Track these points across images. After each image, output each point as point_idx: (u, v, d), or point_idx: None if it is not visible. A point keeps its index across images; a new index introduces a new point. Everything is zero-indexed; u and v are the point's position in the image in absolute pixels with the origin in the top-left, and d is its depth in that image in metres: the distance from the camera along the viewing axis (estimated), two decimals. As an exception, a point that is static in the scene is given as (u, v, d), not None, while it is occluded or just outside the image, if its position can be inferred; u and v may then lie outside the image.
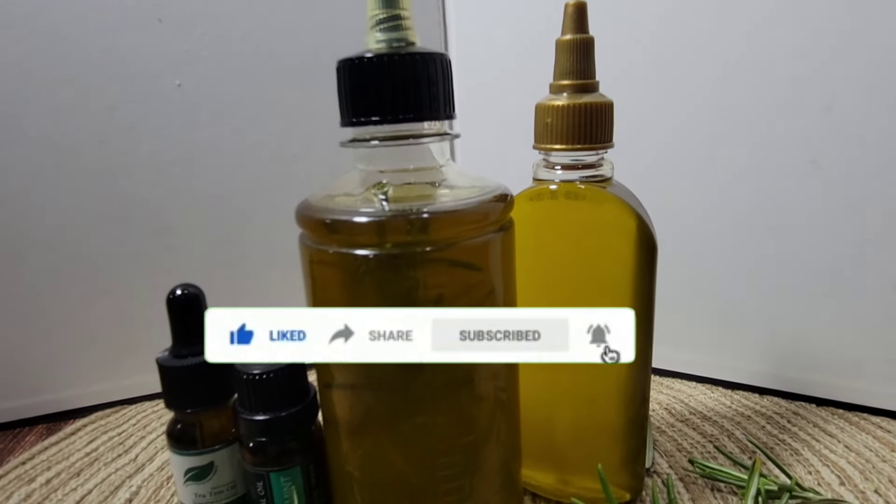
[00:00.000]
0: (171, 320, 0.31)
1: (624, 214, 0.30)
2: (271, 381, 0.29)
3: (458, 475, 0.29)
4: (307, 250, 0.28)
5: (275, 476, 0.30)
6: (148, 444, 0.43)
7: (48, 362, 0.48)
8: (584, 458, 0.34)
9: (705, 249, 0.46)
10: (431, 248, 0.25)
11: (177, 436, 0.31)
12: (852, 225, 0.41)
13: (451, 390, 0.28)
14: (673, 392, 0.47)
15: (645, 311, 0.32)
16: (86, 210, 0.46)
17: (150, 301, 0.47)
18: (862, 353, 0.43)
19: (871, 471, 0.36)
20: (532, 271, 0.31)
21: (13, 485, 0.39)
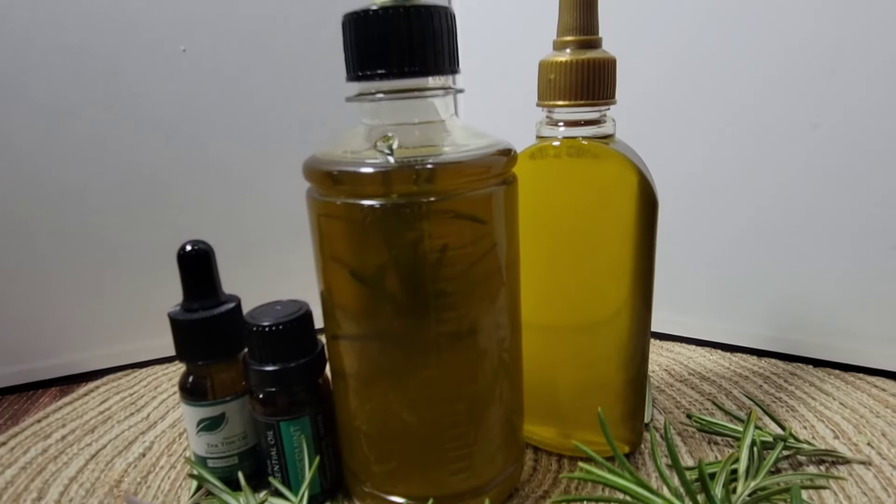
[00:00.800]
0: (182, 275, 0.32)
1: (626, 170, 0.31)
2: (280, 333, 0.30)
3: (462, 429, 0.30)
4: (315, 204, 0.28)
5: (284, 425, 0.31)
6: (159, 403, 0.44)
7: (60, 326, 0.49)
8: (586, 414, 0.35)
9: (705, 213, 0.46)
10: (436, 198, 0.26)
11: (189, 388, 0.32)
12: (851, 187, 0.41)
13: (454, 341, 0.28)
14: (673, 354, 0.48)
15: (645, 268, 0.33)
16: (93, 175, 0.46)
17: (159, 266, 0.48)
18: (859, 314, 0.43)
19: (865, 425, 0.37)
20: (534, 228, 0.32)
21: (30, 440, 0.40)
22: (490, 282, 0.29)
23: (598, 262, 0.33)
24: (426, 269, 0.27)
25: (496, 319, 0.29)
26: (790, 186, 0.43)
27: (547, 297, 0.34)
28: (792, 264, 0.44)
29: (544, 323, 0.34)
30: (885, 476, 0.32)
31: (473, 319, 0.28)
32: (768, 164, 0.43)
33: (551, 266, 0.34)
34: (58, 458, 0.38)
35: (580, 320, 0.34)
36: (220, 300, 0.32)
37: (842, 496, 0.31)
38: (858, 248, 0.42)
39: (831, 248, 0.43)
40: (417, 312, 0.28)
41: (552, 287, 0.34)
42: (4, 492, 0.35)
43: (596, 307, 0.34)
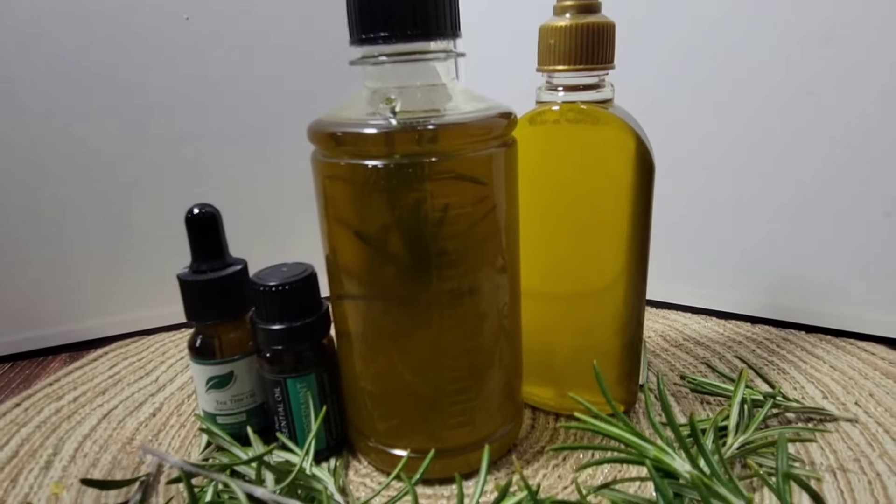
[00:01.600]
0: (190, 238, 0.32)
1: (623, 135, 0.31)
2: (286, 293, 0.31)
3: (463, 386, 0.31)
4: (319, 165, 0.29)
5: (291, 382, 0.32)
6: (168, 367, 0.45)
7: (69, 294, 0.50)
8: (582, 376, 0.36)
9: (700, 184, 0.47)
10: (437, 159, 0.27)
11: (198, 348, 0.33)
12: (845, 155, 0.42)
13: (455, 301, 0.29)
14: (668, 321, 0.49)
15: (642, 234, 0.34)
16: (101, 144, 0.47)
17: (167, 234, 0.49)
18: (851, 280, 0.44)
19: (853, 386, 0.38)
20: (533, 193, 0.33)
21: (43, 402, 0.41)
22: (490, 243, 0.30)
23: (595, 228, 0.34)
24: (428, 228, 0.28)
25: (496, 280, 0.30)
26: (784, 155, 0.44)
27: (546, 266, 0.35)
28: (785, 232, 0.45)
29: (543, 291, 0.35)
30: (871, 433, 0.34)
31: (474, 279, 0.29)
32: (763, 133, 0.44)
33: (550, 233, 0.34)
34: (71, 417, 0.39)
35: (578, 288, 0.35)
36: (227, 262, 0.33)
37: (828, 451, 0.32)
38: (851, 215, 0.43)
39: (825, 216, 0.44)
40: (420, 272, 0.29)
41: (551, 255, 0.35)
42: (21, 448, 0.36)
43: (593, 276, 0.35)
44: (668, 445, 0.26)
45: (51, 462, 0.35)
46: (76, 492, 0.32)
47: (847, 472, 0.31)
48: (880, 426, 0.34)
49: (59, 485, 0.33)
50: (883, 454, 0.32)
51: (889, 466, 0.31)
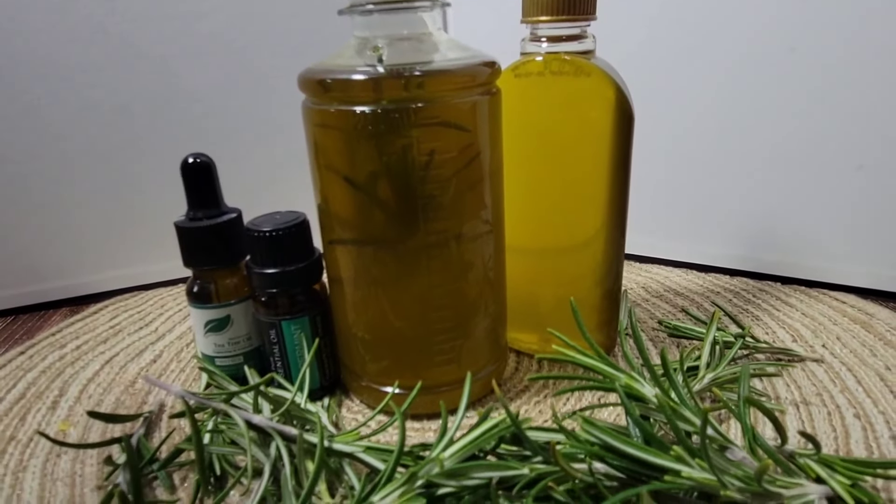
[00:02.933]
0: (186, 186, 0.34)
1: (603, 84, 0.32)
2: (279, 238, 0.32)
3: (450, 333, 0.32)
4: (310, 113, 0.30)
5: (286, 324, 0.34)
6: (166, 319, 0.47)
7: (69, 250, 0.51)
8: (565, 322, 0.37)
9: (682, 139, 0.48)
10: (423, 104, 0.28)
11: (195, 293, 0.35)
12: (820, 110, 0.43)
13: (442, 246, 0.31)
14: (651, 275, 0.51)
15: (621, 184, 0.35)
16: (98, 99, 0.48)
17: (165, 190, 0.50)
18: (826, 233, 0.46)
19: (822, 331, 0.40)
20: (517, 143, 0.34)
21: (46, 350, 0.43)
22: (475, 190, 0.31)
23: (576, 180, 0.35)
24: (415, 174, 0.29)
25: (481, 227, 0.32)
26: (760, 110, 0.45)
27: (528, 221, 0.36)
28: (763, 186, 0.47)
29: (526, 246, 0.37)
30: (834, 371, 0.36)
31: (460, 224, 0.31)
32: (741, 88, 0.45)
33: (532, 187, 0.36)
34: (74, 363, 0.41)
35: (560, 244, 0.37)
36: (222, 210, 0.34)
37: (793, 387, 0.34)
38: (826, 169, 0.44)
39: (800, 171, 0.45)
40: (407, 217, 0.30)
41: (534, 210, 0.36)
42: (28, 390, 0.38)
43: (575, 231, 0.36)
44: (638, 375, 0.27)
45: (57, 403, 0.36)
46: (82, 428, 0.34)
47: (809, 405, 0.33)
48: (843, 365, 0.36)
49: (66, 422, 0.35)
50: (844, 389, 0.34)
51: (848, 400, 0.33)
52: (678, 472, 0.22)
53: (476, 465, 0.23)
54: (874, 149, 0.42)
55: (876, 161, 0.43)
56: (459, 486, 0.23)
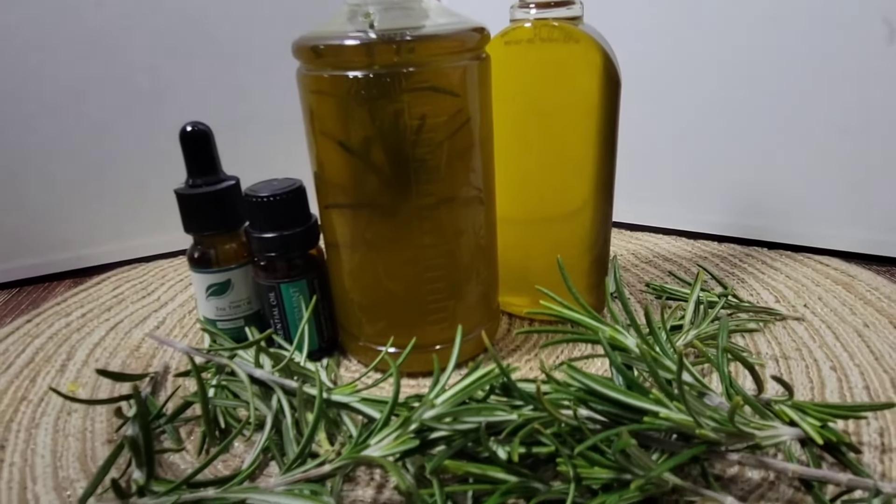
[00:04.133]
0: (185, 154, 0.34)
1: (591, 50, 0.33)
2: (277, 203, 0.33)
3: (442, 295, 0.34)
4: (304, 80, 0.31)
5: (285, 287, 0.35)
6: (168, 288, 0.48)
7: (71, 222, 0.52)
8: (554, 287, 0.39)
9: (669, 107, 0.49)
10: (414, 69, 0.28)
11: (196, 258, 0.36)
12: (804, 74, 0.44)
13: (434, 209, 0.32)
14: (640, 242, 0.52)
15: (609, 148, 0.36)
16: (91, 73, 0.48)
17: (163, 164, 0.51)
18: (811, 198, 0.47)
19: (804, 292, 0.41)
20: (507, 111, 0.35)
21: (52, 318, 0.44)
22: (466, 155, 0.32)
23: (564, 148, 0.36)
24: (407, 138, 0.30)
25: (472, 192, 0.33)
26: (746, 75, 0.45)
27: (518, 192, 0.37)
28: (749, 153, 0.48)
29: (515, 216, 0.38)
30: (815, 328, 0.37)
31: (451, 188, 0.32)
32: (725, 54, 0.45)
33: (521, 155, 0.36)
34: (80, 329, 0.42)
35: (549, 213, 0.38)
36: (220, 178, 0.35)
37: (773, 343, 0.36)
38: (810, 135, 0.45)
39: (785, 136, 0.46)
40: (400, 181, 0.31)
41: (523, 180, 0.37)
42: (36, 355, 0.39)
43: (563, 200, 0.37)
44: (622, 328, 0.29)
45: (65, 366, 0.38)
46: (91, 389, 0.35)
47: (788, 360, 0.34)
48: (824, 323, 0.37)
49: (75, 384, 0.36)
50: (822, 345, 0.35)
51: (826, 354, 0.34)
52: (656, 413, 0.23)
53: (467, 409, 0.24)
54: (857, 113, 0.43)
55: (859, 126, 0.43)
56: (451, 429, 0.24)
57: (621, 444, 0.22)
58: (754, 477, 0.26)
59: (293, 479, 0.24)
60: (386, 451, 0.24)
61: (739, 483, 0.26)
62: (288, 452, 0.27)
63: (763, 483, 0.26)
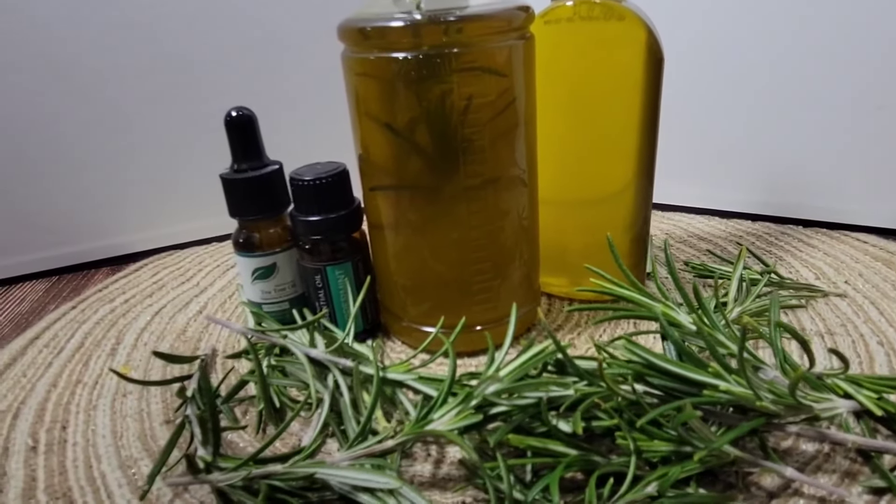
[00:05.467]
0: (230, 139, 0.35)
1: (635, 27, 0.33)
2: (323, 186, 0.34)
3: (488, 275, 0.34)
4: (349, 62, 0.31)
5: (330, 269, 0.35)
6: (206, 274, 0.49)
7: (110, 210, 0.53)
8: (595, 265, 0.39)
9: (702, 85, 0.49)
10: (461, 49, 0.29)
11: (242, 242, 0.36)
12: (840, 51, 0.43)
13: (480, 189, 0.32)
14: (673, 222, 0.52)
15: (651, 127, 0.36)
16: (125, 60, 0.49)
17: (197, 150, 0.51)
18: (847, 174, 0.46)
19: (844, 268, 0.41)
20: (547, 93, 0.35)
21: (96, 304, 0.45)
22: (511, 135, 0.32)
23: (607, 127, 0.36)
24: (454, 118, 0.30)
25: (516, 172, 0.33)
26: (780, 53, 0.45)
27: (559, 174, 0.37)
28: (781, 129, 0.47)
29: (557, 198, 0.38)
30: (857, 304, 0.37)
31: (497, 168, 0.32)
32: (758, 30, 0.45)
33: (563, 138, 0.36)
34: (126, 315, 0.43)
35: (589, 195, 0.38)
36: (265, 163, 0.36)
37: (817, 319, 0.36)
38: (846, 109, 0.45)
39: (821, 112, 0.45)
40: (447, 161, 0.31)
41: (564, 163, 0.37)
42: (86, 339, 0.40)
43: (605, 182, 0.37)
44: (674, 305, 0.29)
45: (115, 350, 0.38)
46: (143, 372, 0.36)
47: (833, 335, 0.34)
48: (867, 299, 0.37)
49: (127, 367, 0.37)
50: (867, 320, 0.35)
51: (872, 329, 0.34)
52: (716, 386, 0.24)
53: (527, 384, 0.24)
54: (893, 88, 0.43)
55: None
56: (511, 405, 0.25)
57: (685, 416, 0.22)
58: (808, 449, 0.26)
59: (356, 454, 0.25)
60: (448, 426, 0.24)
61: (794, 455, 0.26)
62: (347, 429, 0.27)
63: (818, 455, 0.26)
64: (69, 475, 0.28)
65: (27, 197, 0.50)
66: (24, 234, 0.51)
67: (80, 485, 0.28)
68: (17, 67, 0.47)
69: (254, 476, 0.24)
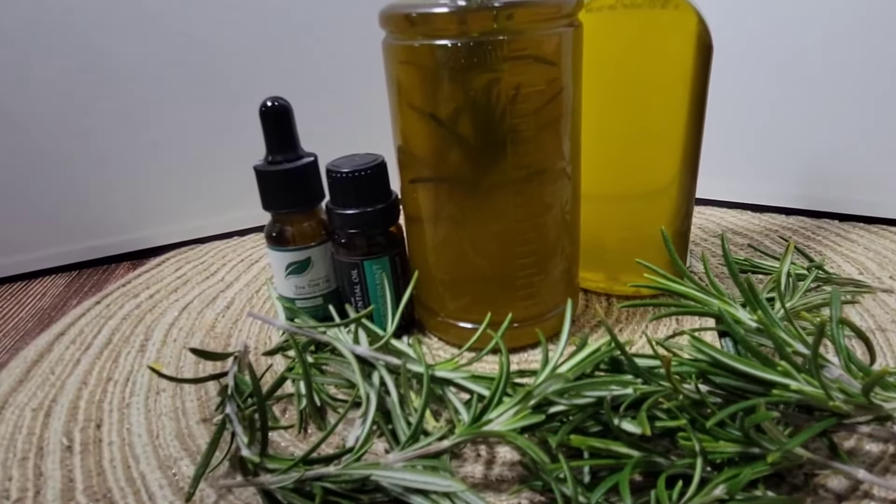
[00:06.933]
0: (265, 130, 0.34)
1: (685, 14, 0.32)
2: (359, 179, 0.33)
3: (532, 270, 0.33)
4: (392, 50, 0.30)
5: (368, 264, 0.34)
6: (230, 269, 0.48)
7: (127, 205, 0.52)
8: (630, 262, 0.38)
9: (734, 79, 0.48)
10: (510, 36, 0.27)
11: (275, 236, 0.35)
12: (875, 42, 0.42)
13: (526, 182, 0.31)
14: (705, 216, 0.51)
15: (697, 120, 0.35)
16: (152, 54, 0.48)
17: (221, 143, 0.50)
18: (883, 167, 0.45)
19: (888, 263, 0.40)
20: (589, 85, 0.33)
21: (121, 299, 0.44)
22: (558, 125, 0.31)
23: (652, 122, 0.34)
24: (502, 107, 0.29)
25: (562, 165, 0.32)
26: (816, 43, 0.44)
27: (600, 168, 0.36)
28: (817, 121, 0.46)
29: (596, 192, 0.36)
30: (906, 300, 0.36)
31: (543, 159, 0.31)
32: (794, 22, 0.44)
33: (605, 132, 0.35)
34: (153, 310, 0.42)
35: (632, 190, 0.37)
36: (299, 154, 0.35)
37: (866, 315, 0.35)
38: (882, 101, 0.43)
39: (855, 104, 0.44)
40: (494, 151, 0.30)
41: (606, 158, 0.36)
42: (114, 335, 0.39)
43: (648, 178, 0.36)
44: (732, 301, 0.28)
45: (144, 346, 0.38)
46: (174, 369, 0.35)
47: (885, 332, 0.33)
48: (915, 295, 0.36)
49: (158, 364, 0.36)
50: (918, 317, 0.34)
51: (924, 326, 0.33)
52: (786, 385, 0.23)
53: (588, 383, 0.24)
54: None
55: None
56: (571, 404, 0.24)
57: (760, 417, 0.21)
58: (874, 450, 0.26)
59: (408, 455, 0.24)
60: (507, 426, 0.23)
61: (860, 456, 0.25)
62: (396, 429, 0.26)
63: (884, 456, 0.25)
64: (107, 476, 0.27)
65: (47, 192, 0.49)
66: (44, 228, 0.50)
67: (119, 486, 0.27)
68: (38, 61, 0.46)
69: (306, 478, 0.23)
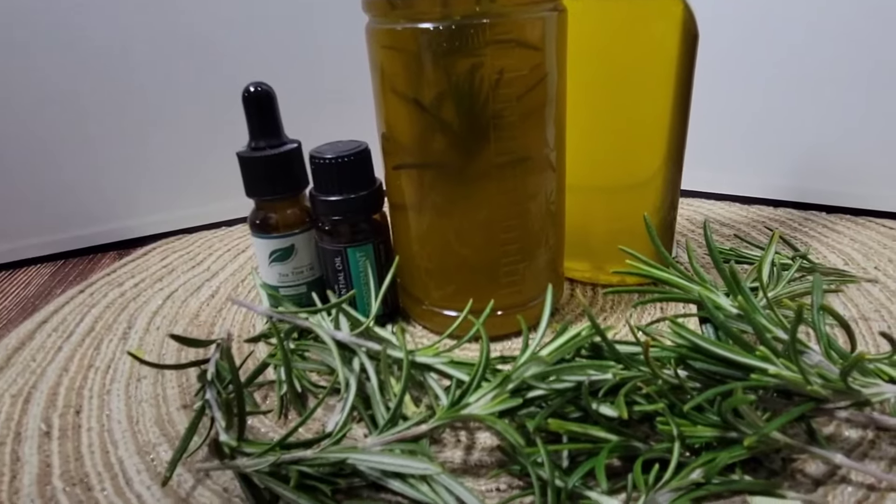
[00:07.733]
0: (248, 116, 0.33)
1: (670, 1, 0.32)
2: (342, 166, 0.33)
3: (516, 257, 0.33)
4: (375, 34, 0.30)
5: (351, 251, 0.34)
6: (216, 258, 0.48)
7: (113, 194, 0.51)
8: (616, 252, 0.38)
9: (720, 70, 0.48)
10: (494, 19, 0.27)
11: (259, 224, 0.35)
12: (863, 34, 0.42)
13: (509, 168, 0.31)
14: (693, 208, 0.51)
15: (683, 110, 0.35)
16: (140, 43, 0.47)
17: (207, 133, 0.50)
18: (870, 160, 0.45)
19: (873, 254, 0.40)
20: (574, 73, 0.33)
21: (105, 288, 0.44)
22: (542, 113, 0.31)
23: (636, 111, 0.34)
24: (486, 92, 0.29)
25: (545, 152, 0.32)
26: (802, 35, 0.44)
27: (585, 159, 0.36)
28: (805, 113, 0.46)
29: (581, 183, 0.36)
30: (890, 290, 0.36)
31: (527, 145, 0.31)
32: (780, 12, 0.44)
33: (590, 122, 0.35)
34: (136, 298, 0.42)
35: (617, 182, 0.36)
36: (283, 141, 0.34)
37: (850, 305, 0.35)
38: (871, 94, 0.43)
39: (844, 98, 0.44)
40: (477, 137, 0.30)
41: (590, 148, 0.36)
42: (96, 323, 0.39)
43: (633, 169, 0.36)
44: (714, 287, 0.28)
45: (126, 334, 0.37)
46: (156, 356, 0.35)
47: (868, 321, 0.33)
48: (899, 285, 0.37)
49: (140, 351, 0.36)
50: (901, 306, 0.34)
51: (906, 315, 0.34)
52: (765, 370, 0.23)
53: (567, 367, 0.23)
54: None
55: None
56: (549, 388, 0.24)
57: (737, 401, 0.21)
58: (852, 435, 0.26)
59: (386, 439, 0.24)
60: (485, 410, 0.23)
61: (838, 441, 0.25)
62: (375, 414, 0.26)
63: (862, 441, 0.25)
64: (85, 461, 0.27)
65: (32, 180, 0.49)
66: (29, 217, 0.50)
67: (97, 471, 0.27)
68: (22, 50, 0.45)
69: (282, 461, 0.23)
